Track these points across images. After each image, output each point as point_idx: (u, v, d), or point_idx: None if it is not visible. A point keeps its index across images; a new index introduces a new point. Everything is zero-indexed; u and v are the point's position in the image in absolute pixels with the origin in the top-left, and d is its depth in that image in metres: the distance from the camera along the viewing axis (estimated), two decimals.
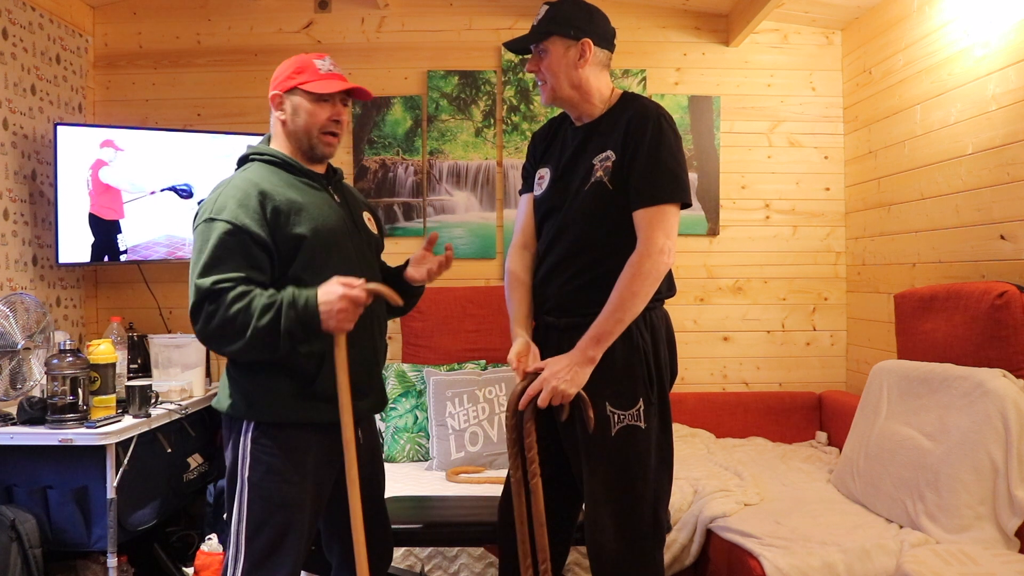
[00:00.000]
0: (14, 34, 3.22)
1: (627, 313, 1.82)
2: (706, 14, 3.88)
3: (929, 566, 2.00)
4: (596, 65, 1.96)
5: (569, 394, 1.80)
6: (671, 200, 1.85)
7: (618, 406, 1.86)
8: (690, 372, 3.88)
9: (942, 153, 3.02)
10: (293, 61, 1.95)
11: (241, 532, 1.82)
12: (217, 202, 1.82)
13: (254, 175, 1.88)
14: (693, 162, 3.84)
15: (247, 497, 1.81)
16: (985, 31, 2.77)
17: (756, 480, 2.93)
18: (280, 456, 1.82)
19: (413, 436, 3.38)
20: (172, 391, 2.98)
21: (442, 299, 3.68)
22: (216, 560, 2.96)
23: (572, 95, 1.96)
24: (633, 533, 1.88)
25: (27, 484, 2.54)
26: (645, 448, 1.88)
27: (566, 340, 1.91)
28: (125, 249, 3.43)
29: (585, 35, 1.93)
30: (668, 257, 1.84)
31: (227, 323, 1.73)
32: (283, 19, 3.88)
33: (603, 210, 1.90)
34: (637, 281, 1.82)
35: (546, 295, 1.99)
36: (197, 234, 1.83)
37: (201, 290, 1.75)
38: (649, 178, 1.84)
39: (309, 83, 1.90)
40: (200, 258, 1.78)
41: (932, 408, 2.49)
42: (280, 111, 1.95)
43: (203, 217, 1.82)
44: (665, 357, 1.94)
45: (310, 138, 1.93)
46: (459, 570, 2.69)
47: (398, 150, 3.84)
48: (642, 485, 1.88)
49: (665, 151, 1.85)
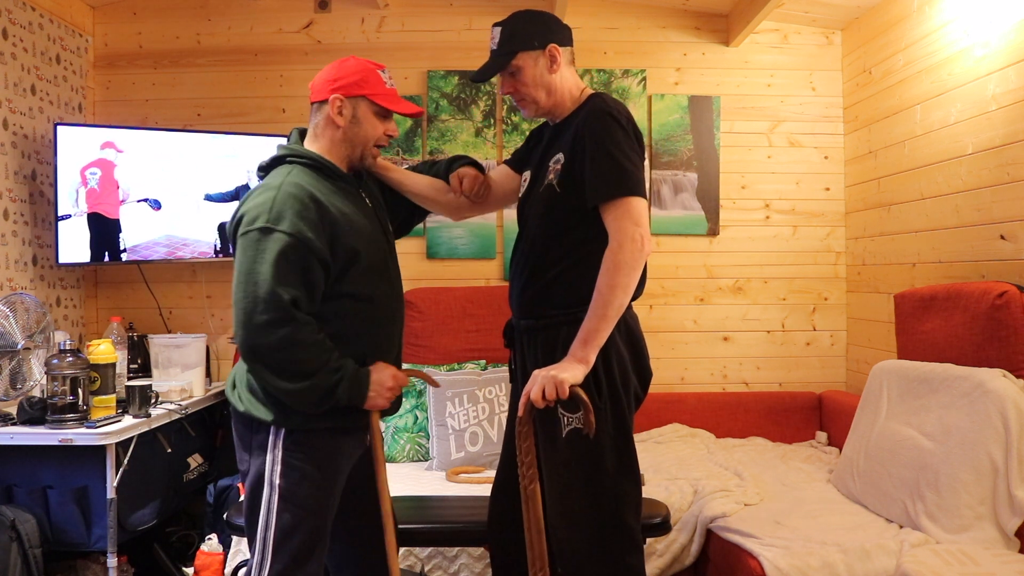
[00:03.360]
0: (14, 34, 3.22)
1: (609, 308, 1.79)
2: (706, 14, 3.88)
3: (929, 566, 2.00)
4: (566, 64, 1.98)
5: (563, 380, 1.74)
6: (630, 193, 1.81)
7: (567, 408, 1.84)
8: (690, 372, 3.88)
9: (942, 153, 3.02)
10: (356, 66, 1.88)
11: (269, 539, 1.79)
12: (273, 210, 1.73)
13: (302, 180, 1.79)
14: (693, 162, 3.84)
15: (277, 504, 1.79)
16: (985, 31, 2.77)
17: (756, 480, 2.93)
18: (312, 463, 1.81)
19: (413, 436, 3.38)
20: (172, 391, 2.98)
21: (442, 299, 3.68)
22: (216, 560, 2.96)
23: (550, 103, 1.98)
24: (593, 537, 1.86)
25: (27, 484, 2.55)
26: (597, 452, 1.85)
27: (527, 342, 1.96)
28: (124, 248, 3.43)
29: (549, 40, 1.94)
30: (642, 245, 1.80)
31: (293, 361, 1.72)
32: (283, 19, 3.88)
33: (552, 213, 1.91)
34: (613, 274, 1.79)
35: (511, 297, 2.02)
36: (249, 242, 1.73)
37: (279, 304, 1.69)
38: (603, 174, 1.82)
39: (378, 96, 1.86)
40: (259, 268, 1.71)
41: (932, 408, 2.49)
42: (339, 115, 1.86)
43: (257, 225, 1.73)
44: (623, 361, 1.89)
45: (365, 148, 1.90)
46: (459, 570, 2.69)
47: (398, 150, 3.84)
48: (595, 490, 1.85)
49: (613, 147, 1.82)
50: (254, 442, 1.84)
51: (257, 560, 1.81)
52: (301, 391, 1.73)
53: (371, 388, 1.82)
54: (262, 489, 1.81)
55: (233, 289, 1.76)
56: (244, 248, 1.75)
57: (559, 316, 1.89)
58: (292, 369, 1.72)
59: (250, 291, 1.71)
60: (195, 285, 3.84)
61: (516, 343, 2.03)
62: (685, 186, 3.85)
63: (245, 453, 1.87)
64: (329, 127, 1.88)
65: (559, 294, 1.89)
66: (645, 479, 2.97)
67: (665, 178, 3.85)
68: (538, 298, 1.92)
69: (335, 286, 1.81)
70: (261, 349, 1.71)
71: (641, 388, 1.96)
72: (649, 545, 2.70)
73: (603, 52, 3.88)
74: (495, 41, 1.97)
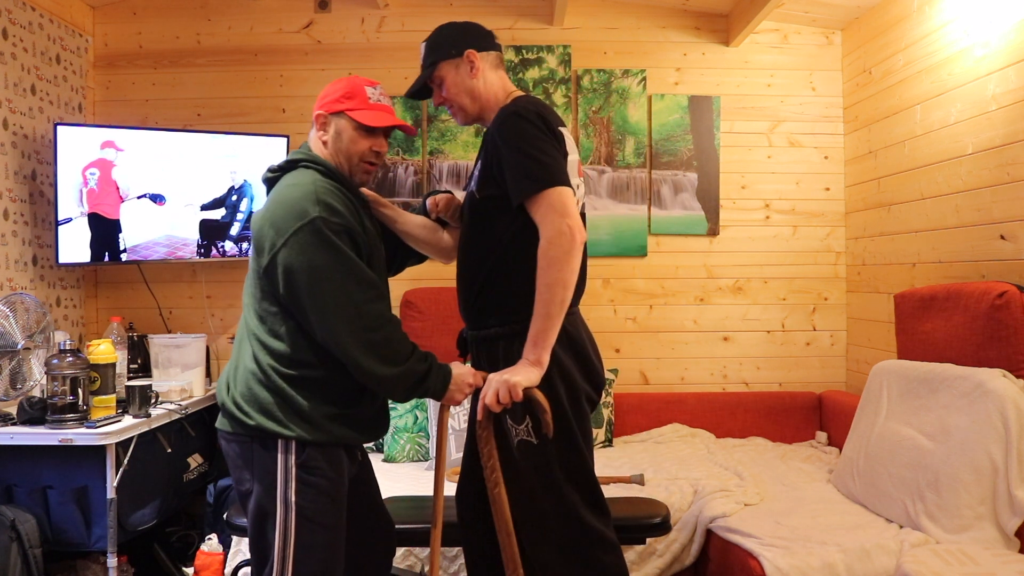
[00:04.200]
0: (14, 34, 3.22)
1: (551, 306, 1.77)
2: (706, 14, 3.88)
3: (929, 566, 2.00)
4: (489, 69, 2.00)
5: (515, 383, 1.74)
6: (548, 184, 1.78)
7: (514, 419, 1.85)
8: (690, 372, 3.88)
9: (942, 153, 3.02)
10: (345, 83, 1.91)
11: (288, 557, 1.75)
12: (319, 202, 1.74)
13: (324, 181, 1.83)
14: (693, 162, 3.85)
15: (294, 520, 1.75)
16: (985, 31, 2.77)
17: (756, 480, 2.93)
18: (326, 478, 1.80)
19: (413, 436, 3.38)
20: (172, 391, 2.98)
21: (442, 299, 3.68)
22: (216, 560, 2.96)
23: (476, 107, 2.00)
24: (560, 540, 1.87)
25: (27, 484, 2.55)
26: (543, 462, 1.85)
27: (475, 351, 1.99)
28: (124, 248, 3.43)
29: (466, 47, 1.98)
30: (573, 236, 1.77)
31: (389, 342, 1.75)
32: (283, 19, 3.88)
33: (475, 219, 1.93)
34: (548, 271, 1.77)
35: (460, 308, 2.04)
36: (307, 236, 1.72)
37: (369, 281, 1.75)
38: (518, 171, 1.81)
39: (357, 111, 1.87)
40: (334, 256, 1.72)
41: (932, 408, 2.49)
42: (322, 131, 1.90)
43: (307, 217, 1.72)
44: (566, 369, 1.86)
45: (349, 164, 1.90)
46: (459, 570, 2.68)
47: (398, 150, 3.84)
48: (553, 496, 1.86)
49: (524, 143, 1.81)
50: (259, 459, 1.78)
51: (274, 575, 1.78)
52: (398, 377, 1.76)
53: (455, 378, 1.85)
54: (274, 508, 1.76)
55: (309, 289, 1.72)
56: (303, 244, 1.72)
57: (497, 329, 1.90)
58: (391, 351, 1.75)
59: (337, 279, 1.72)
60: (195, 285, 3.84)
61: (471, 350, 2.05)
62: (685, 186, 3.85)
63: (246, 471, 1.81)
64: (317, 143, 1.92)
65: (493, 301, 1.90)
66: (645, 479, 2.97)
67: (665, 178, 3.85)
68: (475, 308, 1.95)
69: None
70: (368, 329, 1.73)
71: (593, 391, 1.94)
72: (649, 545, 2.71)
73: (603, 52, 3.88)
74: (422, 56, 2.03)
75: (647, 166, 3.85)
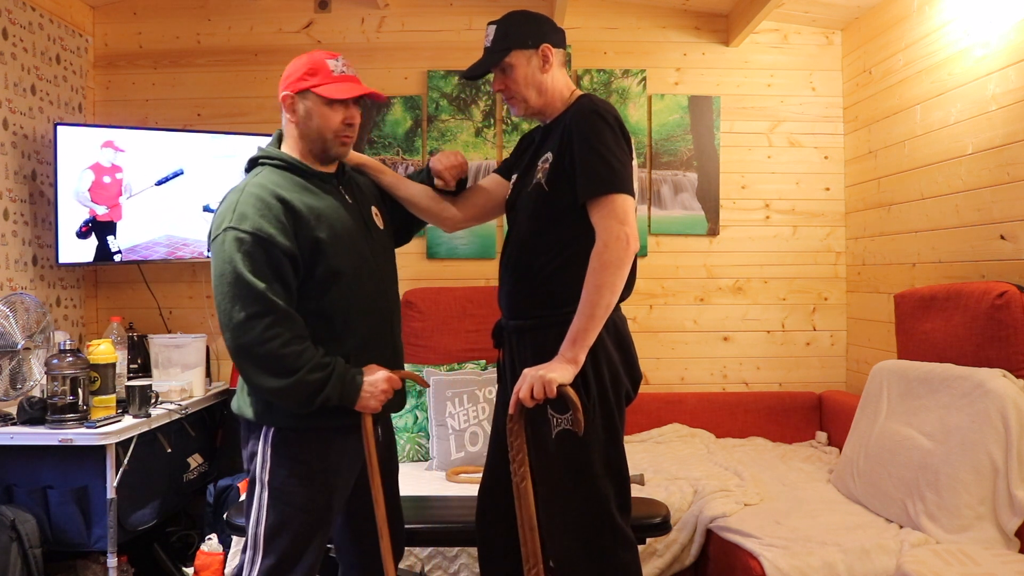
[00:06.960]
0: (14, 34, 3.22)
1: (597, 308, 1.79)
2: (706, 14, 3.88)
3: (929, 566, 2.00)
4: (558, 66, 2.00)
5: (551, 379, 1.74)
6: (615, 190, 1.81)
7: (557, 409, 1.84)
8: (690, 372, 3.88)
9: (942, 153, 3.02)
10: (305, 60, 1.90)
11: (260, 535, 1.81)
12: (236, 211, 1.76)
13: (267, 180, 1.83)
14: (693, 162, 3.84)
15: (267, 501, 1.81)
16: (985, 31, 2.77)
17: (756, 480, 2.93)
18: (301, 461, 1.81)
19: (413, 436, 3.38)
20: (172, 391, 2.98)
21: (442, 299, 3.68)
22: (216, 560, 2.96)
23: (540, 102, 1.99)
24: (584, 535, 1.87)
25: (27, 484, 2.55)
26: (585, 455, 1.85)
27: (516, 342, 1.96)
28: (118, 250, 3.42)
29: (542, 41, 1.96)
30: (628, 244, 1.80)
31: (277, 356, 1.72)
32: (283, 19, 3.88)
33: (541, 212, 1.91)
34: (600, 273, 1.79)
35: (500, 297, 2.03)
36: (218, 245, 1.76)
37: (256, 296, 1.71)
38: (589, 171, 1.82)
39: (322, 86, 1.86)
40: (229, 268, 1.73)
41: (932, 408, 2.49)
42: (291, 113, 1.90)
43: (222, 227, 1.76)
44: (614, 363, 1.88)
45: (324, 141, 1.89)
46: (459, 570, 2.69)
47: (398, 150, 3.84)
48: (586, 490, 1.86)
49: (601, 145, 1.82)
50: (249, 440, 1.87)
51: (249, 556, 1.82)
52: (287, 388, 1.73)
53: (364, 389, 1.81)
54: (254, 485, 1.84)
55: (214, 294, 1.78)
56: (215, 252, 1.78)
57: (548, 317, 1.89)
58: (277, 365, 1.72)
59: (225, 290, 1.73)
60: (195, 285, 3.84)
61: (505, 343, 2.03)
62: (685, 186, 3.85)
63: (244, 451, 1.90)
64: (289, 125, 1.92)
65: (548, 294, 1.89)
66: (645, 479, 2.97)
67: (665, 178, 3.85)
68: (527, 298, 1.93)
69: (308, 278, 1.81)
70: (246, 346, 1.72)
71: (632, 388, 1.96)
72: (649, 545, 2.71)
73: (603, 52, 3.88)
74: (489, 39, 1.98)
75: (647, 166, 3.85)
